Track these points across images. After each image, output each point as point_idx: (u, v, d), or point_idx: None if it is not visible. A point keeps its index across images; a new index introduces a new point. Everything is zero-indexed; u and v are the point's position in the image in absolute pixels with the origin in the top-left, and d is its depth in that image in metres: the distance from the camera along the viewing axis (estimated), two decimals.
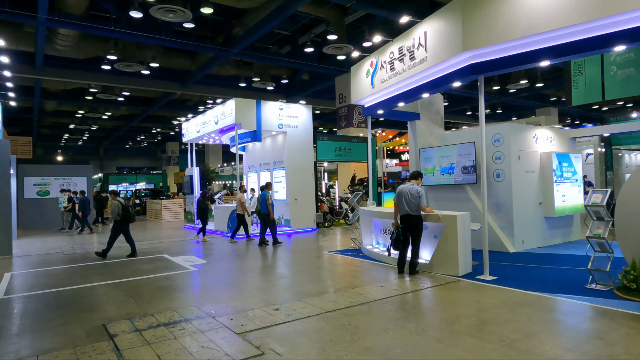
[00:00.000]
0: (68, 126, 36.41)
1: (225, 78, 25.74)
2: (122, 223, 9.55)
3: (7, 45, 18.73)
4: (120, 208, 9.37)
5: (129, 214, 9.51)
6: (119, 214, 9.40)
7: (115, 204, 9.41)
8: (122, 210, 9.40)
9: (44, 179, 17.85)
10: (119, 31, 16.96)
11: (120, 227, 9.60)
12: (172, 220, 20.08)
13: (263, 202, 10.89)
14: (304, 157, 14.27)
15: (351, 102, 10.35)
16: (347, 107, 23.76)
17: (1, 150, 10.51)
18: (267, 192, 11.01)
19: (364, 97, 9.82)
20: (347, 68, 23.26)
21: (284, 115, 13.98)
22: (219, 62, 21.49)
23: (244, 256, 9.60)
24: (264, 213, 10.92)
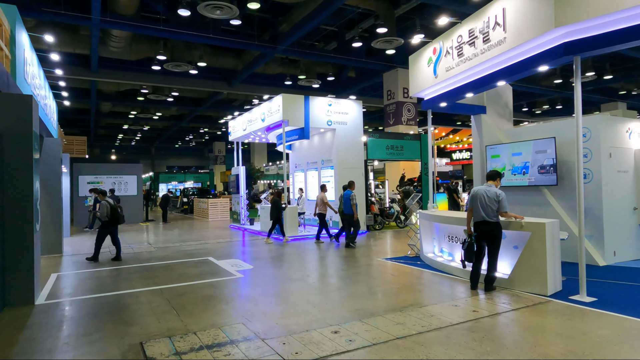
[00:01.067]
0: (122, 127, 37.63)
1: (270, 77, 25.37)
2: (110, 224, 9.12)
3: (65, 48, 19.30)
4: (108, 209, 8.97)
5: (117, 215, 9.10)
6: (107, 215, 8.98)
7: (103, 205, 8.98)
8: (110, 212, 9.00)
9: (97, 177, 18.12)
10: (168, 30, 16.86)
11: (108, 229, 9.17)
12: (218, 219, 19.85)
13: (347, 202, 10.32)
14: (354, 156, 13.39)
15: (410, 95, 9.36)
16: (396, 104, 22.62)
17: (52, 148, 10.41)
18: (351, 192, 10.41)
19: (424, 89, 8.79)
20: (396, 63, 22.16)
21: (332, 112, 13.16)
22: (265, 60, 21.07)
23: (293, 261, 8.87)
24: (348, 213, 10.33)
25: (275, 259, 9.20)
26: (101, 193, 9.49)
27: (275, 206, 11.46)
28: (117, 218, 9.09)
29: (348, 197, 10.34)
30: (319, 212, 11.32)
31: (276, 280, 7.15)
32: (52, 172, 10.31)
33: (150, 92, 26.40)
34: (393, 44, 18.42)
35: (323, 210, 11.27)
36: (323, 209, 11.25)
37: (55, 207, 10.28)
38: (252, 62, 22.17)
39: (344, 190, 10.69)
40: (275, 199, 11.53)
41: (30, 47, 8.60)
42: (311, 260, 9.06)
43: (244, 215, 15.88)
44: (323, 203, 11.23)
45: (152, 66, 21.18)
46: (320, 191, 11.61)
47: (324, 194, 11.44)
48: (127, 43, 19.61)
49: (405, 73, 22.63)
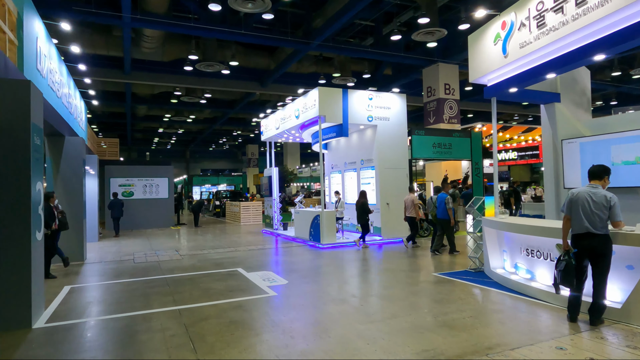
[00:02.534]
0: (157, 130, 37.72)
1: (304, 76, 24.34)
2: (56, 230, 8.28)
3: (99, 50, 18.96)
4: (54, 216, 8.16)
5: (64, 221, 8.34)
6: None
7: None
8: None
9: (128, 179, 17.55)
10: (200, 27, 16.11)
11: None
12: (250, 223, 18.86)
13: (442, 205, 9.24)
14: (397, 155, 11.98)
15: (470, 81, 7.90)
16: (437, 101, 21.01)
17: (74, 148, 9.63)
18: (446, 195, 9.33)
19: (488, 72, 7.32)
20: (437, 57, 20.56)
21: (373, 106, 11.81)
22: (298, 57, 20.03)
23: (333, 274, 7.58)
24: (443, 218, 9.24)
25: (312, 271, 7.95)
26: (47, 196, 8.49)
27: (363, 209, 10.64)
28: (64, 224, 8.33)
29: (443, 200, 9.22)
30: (409, 215, 10.43)
31: (315, 301, 5.88)
32: (74, 174, 9.52)
33: (183, 94, 26.01)
34: (435, 35, 16.91)
35: (414, 214, 10.39)
36: (414, 212, 10.37)
37: (76, 210, 9.47)
38: (284, 60, 21.21)
39: (436, 192, 9.92)
40: (363, 201, 10.69)
41: (46, 38, 7.76)
42: (354, 273, 7.75)
43: (277, 219, 14.76)
44: (414, 205, 10.35)
45: (185, 67, 20.59)
46: (409, 193, 10.84)
47: (415, 196, 10.61)
48: (159, 43, 19.08)
49: (447, 68, 20.97)
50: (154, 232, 15.99)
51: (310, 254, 9.92)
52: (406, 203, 10.55)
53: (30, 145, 5.06)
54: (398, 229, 11.53)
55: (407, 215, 10.49)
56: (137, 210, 17.47)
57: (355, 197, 12.90)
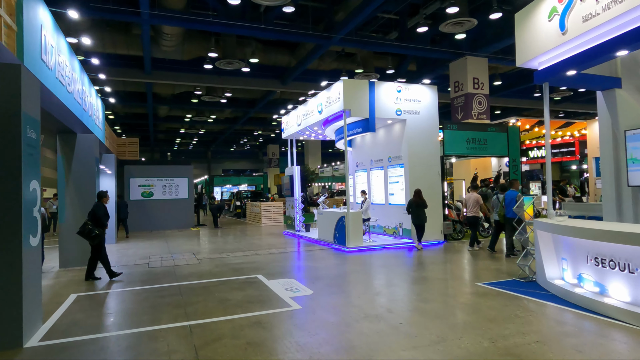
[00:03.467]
0: (179, 130, 37.61)
1: (325, 73, 23.54)
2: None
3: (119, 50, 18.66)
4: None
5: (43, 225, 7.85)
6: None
7: None
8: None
9: (147, 180, 17.12)
10: (219, 23, 15.51)
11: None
12: (271, 224, 18.17)
13: (512, 204, 8.12)
14: (428, 151, 11.03)
15: (517, 64, 6.93)
16: (465, 97, 19.87)
17: (87, 145, 9.09)
18: (517, 192, 8.41)
19: (541, 53, 6.34)
20: (465, 50, 19.41)
21: (402, 99, 10.90)
22: (319, 52, 19.24)
23: (363, 283, 6.73)
24: (513, 217, 8.09)
25: (339, 279, 7.12)
26: None
27: (420, 207, 9.96)
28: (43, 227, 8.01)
29: (514, 198, 8.17)
30: (472, 215, 9.75)
31: (346, 317, 5.05)
32: (86, 172, 8.98)
33: (203, 93, 25.62)
34: (464, 26, 15.85)
35: (476, 213, 9.77)
36: (476, 211, 9.73)
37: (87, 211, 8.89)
38: (305, 57, 20.47)
39: (503, 190, 9.19)
40: (421, 200, 9.96)
41: (54, 29, 7.17)
42: (386, 282, 6.87)
43: (299, 220, 14.00)
44: (478, 204, 9.71)
45: (204, 65, 20.11)
46: (471, 191, 10.13)
47: (479, 195, 9.93)
48: (178, 41, 18.62)
49: (476, 61, 19.78)
50: (173, 234, 15.47)
51: (336, 259, 9.09)
52: (468, 202, 9.75)
53: (21, 139, 4.41)
54: (430, 231, 10.57)
55: (468, 214, 9.72)
56: (156, 211, 17.03)
57: (382, 197, 12.02)
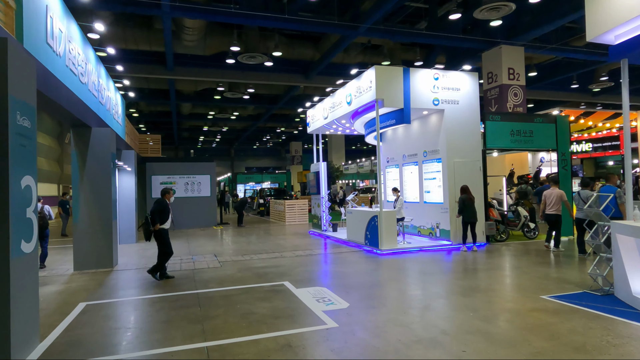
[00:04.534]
0: (202, 128, 37.37)
1: (350, 66, 22.58)
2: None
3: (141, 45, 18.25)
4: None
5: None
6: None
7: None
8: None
9: (170, 177, 16.58)
10: (242, 14, 14.78)
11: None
12: (295, 223, 17.37)
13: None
14: (468, 144, 9.97)
15: (587, 39, 5.84)
16: (499, 88, 18.58)
17: (102, 139, 8.45)
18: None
19: (622, 23, 5.23)
20: (500, 38, 18.09)
21: (440, 87, 9.86)
22: (345, 44, 18.31)
23: (403, 293, 5.79)
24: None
25: (376, 288, 6.20)
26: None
27: (472, 207, 9.13)
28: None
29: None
30: (554, 212, 8.76)
31: (394, 340, 4.13)
32: (102, 169, 8.34)
33: (226, 89, 25.10)
34: (501, 11, 14.64)
35: (559, 211, 8.78)
36: (559, 209, 8.76)
37: (104, 210, 8.28)
38: (330, 49, 19.58)
39: (584, 185, 8.34)
40: (469, 196, 9.12)
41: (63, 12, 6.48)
42: (432, 293, 5.91)
43: (326, 219, 13.12)
44: (562, 201, 8.78)
45: (227, 59, 19.51)
46: (553, 186, 9.08)
47: (563, 191, 8.95)
48: (200, 36, 18.04)
49: (511, 50, 18.40)
50: (195, 233, 14.87)
51: (369, 263, 8.17)
52: (550, 198, 8.77)
53: (7, 126, 3.68)
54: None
55: (549, 212, 8.75)
56: (178, 209, 16.46)
57: (416, 194, 11.02)
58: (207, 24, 17.72)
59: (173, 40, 17.75)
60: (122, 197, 12.13)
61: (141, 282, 7.04)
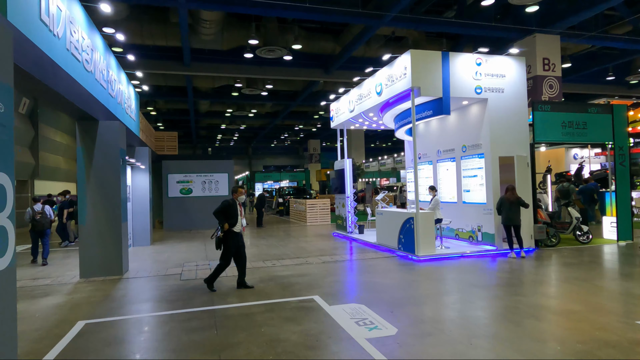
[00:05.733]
0: (220, 126, 36.79)
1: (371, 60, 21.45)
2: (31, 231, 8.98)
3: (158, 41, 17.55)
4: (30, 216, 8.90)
5: (34, 222, 8.88)
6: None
7: (28, 212, 8.99)
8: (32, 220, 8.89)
9: (186, 175, 15.80)
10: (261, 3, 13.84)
11: (31, 234, 9.03)
12: (317, 224, 16.39)
13: None
14: (515, 138, 8.81)
15: None
16: (533, 80, 17.23)
17: (110, 133, 7.61)
18: None
19: None
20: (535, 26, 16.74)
21: (483, 74, 8.72)
22: (367, 36, 17.23)
23: (462, 313, 4.72)
24: None
25: (425, 306, 5.15)
26: (33, 199, 9.40)
27: (518, 207, 8.10)
28: (34, 225, 8.91)
29: None
30: None
31: None
32: (110, 166, 7.51)
33: (244, 86, 24.29)
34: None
35: None
36: None
37: (112, 211, 7.45)
38: (351, 42, 18.53)
39: None
40: (516, 197, 8.06)
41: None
42: (495, 314, 4.82)
43: (352, 221, 12.09)
44: None
45: (245, 54, 18.67)
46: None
47: None
48: (218, 29, 17.20)
49: (547, 39, 16.98)
50: None
51: (407, 272, 7.12)
52: None
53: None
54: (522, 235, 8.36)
55: None
56: (195, 209, 15.71)
57: (453, 194, 9.90)
58: (225, 17, 16.88)
59: (190, 34, 17.00)
60: (135, 197, 11.36)
61: (151, 294, 6.16)
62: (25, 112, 18.17)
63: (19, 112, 17.61)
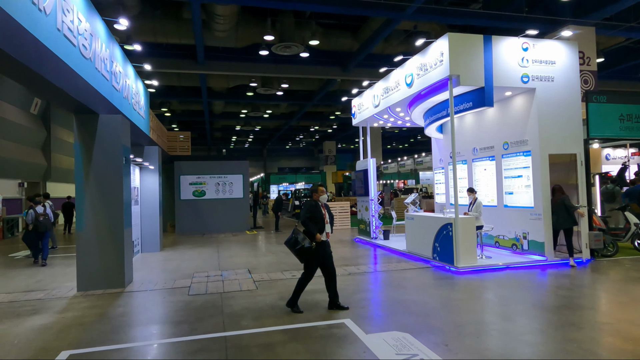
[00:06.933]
0: (235, 128, 36.16)
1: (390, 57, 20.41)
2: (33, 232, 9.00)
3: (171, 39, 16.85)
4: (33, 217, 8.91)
5: (37, 223, 8.91)
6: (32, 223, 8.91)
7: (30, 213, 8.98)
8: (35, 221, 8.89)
9: (199, 177, 14.97)
10: None
11: (31, 236, 9.08)
12: (336, 228, 15.37)
13: None
14: (566, 133, 7.66)
15: None
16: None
17: (111, 128, 6.74)
18: None
19: None
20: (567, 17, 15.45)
21: (530, 61, 7.61)
22: (387, 30, 16.23)
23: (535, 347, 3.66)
24: None
25: (483, 334, 4.09)
26: (29, 199, 9.54)
27: (567, 210, 7.25)
28: (37, 226, 8.92)
29: None
30: None
31: None
32: (111, 165, 6.64)
33: (259, 85, 23.46)
34: None
35: None
36: None
37: (113, 216, 6.58)
38: (370, 38, 17.52)
39: None
40: (563, 197, 7.21)
41: None
42: (585, 350, 3.74)
43: (375, 225, 11.04)
44: None
45: (260, 51, 17.81)
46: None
47: None
48: (232, 25, 16.37)
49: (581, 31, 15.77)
50: (227, 238, 13.14)
51: (449, 288, 6.05)
52: None
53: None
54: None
55: None
56: (208, 212, 14.87)
57: (492, 196, 8.78)
58: (239, 12, 16.05)
59: (203, 31, 16.23)
60: (145, 200, 10.54)
61: (153, 313, 5.24)
62: (37, 113, 17.63)
63: (30, 113, 17.08)
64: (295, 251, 5.02)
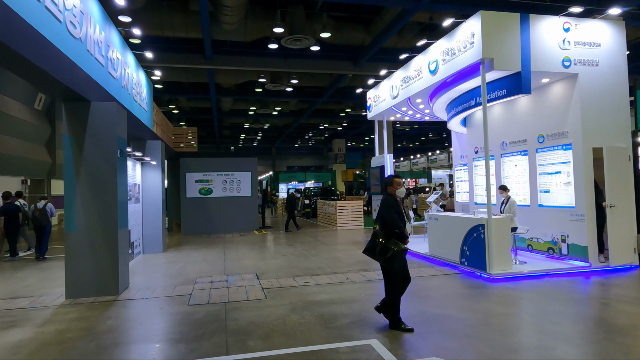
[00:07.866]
0: (243, 125, 35.54)
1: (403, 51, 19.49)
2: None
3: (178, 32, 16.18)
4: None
5: (33, 218, 9.14)
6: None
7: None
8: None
9: (206, 174, 14.26)
10: None
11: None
12: (348, 228, 14.56)
13: None
14: (612, 124, 6.78)
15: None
16: None
17: (105, 118, 6.01)
18: None
19: None
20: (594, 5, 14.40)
21: (572, 43, 6.74)
22: (402, 22, 15.32)
23: None
24: None
25: None
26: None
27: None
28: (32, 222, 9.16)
29: None
30: None
31: None
32: (104, 158, 5.92)
33: (268, 81, 22.74)
34: None
35: None
36: None
37: (106, 215, 5.85)
38: (383, 31, 16.67)
39: None
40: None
41: None
42: None
43: None
44: None
45: (269, 45, 17.08)
46: None
47: None
48: (241, 17, 15.63)
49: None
50: (234, 239, 12.41)
51: (484, 299, 5.22)
52: None
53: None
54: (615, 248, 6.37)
55: None
56: (215, 211, 14.17)
57: (525, 195, 7.91)
58: (248, 3, 15.31)
59: (211, 24, 15.53)
60: (147, 198, 9.84)
61: (146, 328, 4.49)
62: (41, 109, 17.09)
63: (34, 108, 16.54)
64: (387, 259, 4.12)
